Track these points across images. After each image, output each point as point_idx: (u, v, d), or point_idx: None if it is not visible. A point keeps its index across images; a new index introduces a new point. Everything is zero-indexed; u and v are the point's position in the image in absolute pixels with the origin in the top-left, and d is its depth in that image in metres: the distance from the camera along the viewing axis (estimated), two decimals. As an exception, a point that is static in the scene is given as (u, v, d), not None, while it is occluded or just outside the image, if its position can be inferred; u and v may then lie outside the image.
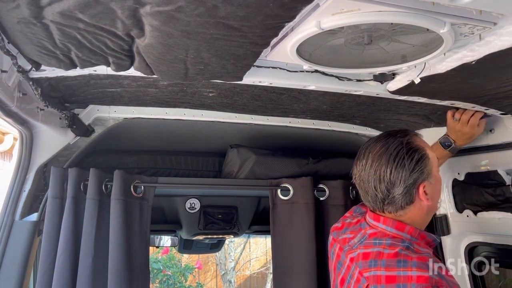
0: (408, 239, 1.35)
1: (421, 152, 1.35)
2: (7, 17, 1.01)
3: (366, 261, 1.33)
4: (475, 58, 1.17)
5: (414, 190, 1.34)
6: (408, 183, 1.33)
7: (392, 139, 1.37)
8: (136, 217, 1.88)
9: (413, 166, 1.32)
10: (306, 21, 1.01)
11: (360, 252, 1.38)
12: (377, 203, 1.40)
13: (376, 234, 1.39)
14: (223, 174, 2.25)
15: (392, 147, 1.35)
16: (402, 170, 1.32)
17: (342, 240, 1.53)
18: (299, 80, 1.48)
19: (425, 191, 1.35)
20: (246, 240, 8.56)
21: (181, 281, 6.97)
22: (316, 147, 2.30)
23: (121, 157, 2.16)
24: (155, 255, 6.96)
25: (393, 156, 1.33)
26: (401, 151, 1.33)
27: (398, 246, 1.31)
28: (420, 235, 1.38)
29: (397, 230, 1.37)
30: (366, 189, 1.41)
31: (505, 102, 1.57)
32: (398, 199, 1.35)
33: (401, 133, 1.39)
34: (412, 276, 1.22)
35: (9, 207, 1.74)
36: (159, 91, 1.63)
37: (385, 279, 1.25)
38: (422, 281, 1.20)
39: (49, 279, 1.71)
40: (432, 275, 1.21)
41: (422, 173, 1.33)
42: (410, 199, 1.35)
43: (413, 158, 1.32)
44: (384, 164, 1.34)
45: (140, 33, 1.05)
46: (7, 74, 1.27)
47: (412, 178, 1.32)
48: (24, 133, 1.69)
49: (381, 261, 1.29)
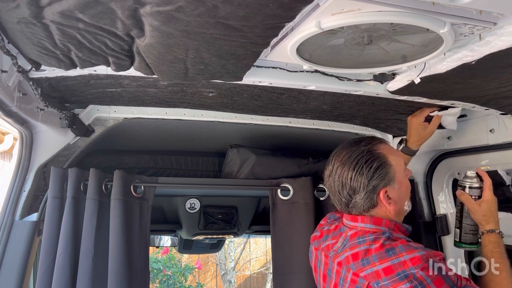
0: (387, 230, 1.45)
1: (381, 160, 1.44)
2: (7, 17, 1.01)
3: (357, 261, 1.39)
4: (475, 58, 1.17)
5: (374, 195, 1.44)
6: (368, 189, 1.43)
7: (356, 148, 1.48)
8: (136, 217, 1.88)
9: (372, 173, 1.42)
10: (306, 21, 1.01)
11: (348, 254, 1.43)
12: (342, 206, 1.52)
13: (357, 233, 1.46)
14: (223, 174, 2.25)
15: (354, 155, 1.46)
16: (361, 177, 1.43)
17: (325, 248, 1.58)
18: (299, 80, 1.48)
19: (388, 196, 1.45)
20: (246, 240, 8.57)
21: (181, 281, 6.97)
22: (316, 147, 2.30)
23: (121, 157, 2.16)
24: (155, 255, 6.97)
25: (353, 164, 1.44)
26: (361, 159, 1.44)
27: (381, 238, 1.39)
28: (395, 226, 1.48)
29: (375, 225, 1.46)
30: (333, 193, 1.53)
31: (505, 102, 1.57)
32: (360, 203, 1.46)
33: (365, 141, 1.49)
34: (405, 260, 1.30)
35: (9, 207, 1.74)
36: (159, 91, 1.63)
37: (383, 272, 1.32)
38: (416, 262, 1.29)
39: (49, 279, 1.71)
40: (421, 253, 1.31)
41: (382, 180, 1.43)
42: (372, 203, 1.46)
43: (371, 166, 1.42)
44: (346, 171, 1.45)
45: (140, 33, 1.05)
46: (7, 74, 1.27)
47: (372, 184, 1.43)
48: (24, 133, 1.69)
49: (372, 257, 1.36)
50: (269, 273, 8.57)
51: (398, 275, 1.29)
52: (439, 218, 2.23)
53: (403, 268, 1.29)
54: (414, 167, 2.27)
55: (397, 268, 1.30)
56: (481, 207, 1.64)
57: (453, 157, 2.14)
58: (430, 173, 2.25)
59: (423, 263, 1.29)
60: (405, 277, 1.28)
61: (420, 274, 1.27)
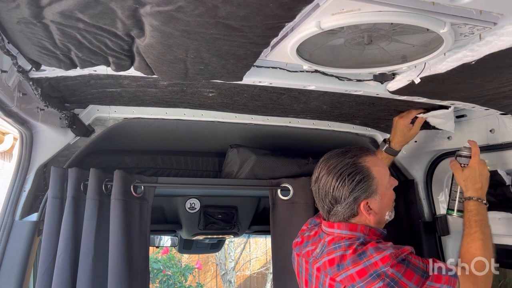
0: (361, 236, 1.48)
1: (364, 174, 1.47)
2: (7, 17, 1.01)
3: (333, 266, 1.43)
4: (475, 58, 1.17)
5: (355, 206, 1.48)
6: (349, 200, 1.47)
7: (342, 158, 1.51)
8: (136, 217, 1.88)
9: (354, 186, 1.46)
10: (306, 21, 1.01)
11: (325, 260, 1.47)
12: (324, 212, 1.56)
13: (334, 239, 1.50)
14: (223, 174, 2.25)
15: (339, 166, 1.49)
16: (343, 189, 1.47)
17: (306, 254, 1.61)
18: (299, 80, 1.48)
19: (369, 206, 1.49)
20: (246, 240, 8.57)
21: (181, 281, 6.97)
22: (316, 147, 2.30)
23: (121, 157, 2.16)
24: (155, 255, 6.96)
25: (337, 175, 1.48)
26: (345, 171, 1.47)
27: (355, 243, 1.44)
28: (370, 231, 1.51)
29: (350, 231, 1.50)
30: (317, 198, 1.57)
31: (505, 102, 1.57)
32: (341, 212, 1.50)
33: (352, 153, 1.52)
34: (376, 261, 1.35)
35: (9, 207, 1.74)
36: (159, 91, 1.63)
37: (357, 274, 1.36)
38: (386, 260, 1.34)
39: (49, 279, 1.71)
40: (389, 251, 1.35)
41: (364, 192, 1.47)
42: (352, 213, 1.50)
43: (354, 179, 1.46)
44: (330, 180, 1.49)
45: (140, 33, 1.05)
46: (7, 74, 1.27)
47: (353, 196, 1.46)
48: (24, 133, 1.69)
49: (347, 262, 1.40)
50: (269, 273, 8.57)
51: (371, 276, 1.34)
52: (439, 218, 2.23)
53: (375, 268, 1.34)
54: (414, 167, 2.27)
55: (369, 270, 1.35)
56: (464, 172, 1.68)
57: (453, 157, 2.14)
58: (430, 173, 2.25)
59: (392, 260, 1.34)
60: (377, 276, 1.33)
61: (391, 271, 1.33)
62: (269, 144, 2.22)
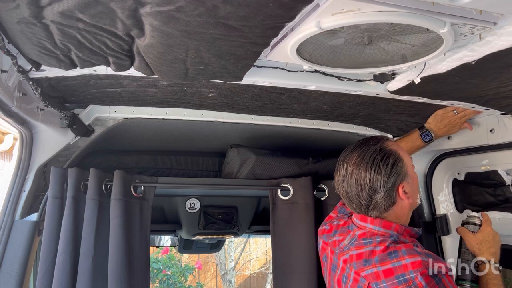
0: (395, 234, 1.43)
1: (395, 156, 1.43)
2: (7, 17, 1.01)
3: (360, 261, 1.39)
4: (475, 58, 1.17)
5: (394, 192, 1.43)
6: (388, 187, 1.41)
7: (366, 148, 1.46)
8: (136, 217, 1.88)
9: (390, 170, 1.41)
10: (306, 21, 1.01)
11: (353, 253, 1.43)
12: (361, 209, 1.48)
13: (365, 234, 1.45)
14: (223, 174, 2.25)
15: (368, 155, 1.43)
16: (380, 176, 1.41)
17: (332, 243, 1.58)
18: (299, 80, 1.48)
19: (404, 191, 1.44)
20: (246, 240, 8.57)
21: (181, 281, 6.97)
22: (316, 147, 2.30)
23: (121, 157, 2.16)
24: (155, 255, 6.97)
25: (369, 164, 1.42)
26: (376, 158, 1.42)
27: (387, 241, 1.39)
28: (405, 231, 1.46)
29: (384, 229, 1.45)
30: (350, 198, 1.49)
31: (505, 102, 1.57)
32: (381, 203, 1.43)
33: (373, 140, 1.48)
34: (406, 264, 1.29)
35: (9, 207, 1.74)
36: (159, 91, 1.63)
37: (383, 274, 1.31)
38: (417, 266, 1.28)
39: (49, 279, 1.71)
40: (423, 258, 1.29)
41: (399, 175, 1.42)
42: (392, 201, 1.44)
43: (388, 163, 1.41)
44: (363, 172, 1.42)
45: (140, 33, 1.05)
46: (7, 74, 1.27)
47: (391, 181, 1.41)
48: (24, 133, 1.69)
49: (375, 258, 1.36)
50: (269, 273, 8.57)
51: (397, 278, 1.29)
52: (439, 218, 2.23)
53: (403, 271, 1.29)
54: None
55: (396, 271, 1.30)
56: (476, 236, 1.64)
57: (453, 157, 2.14)
58: (430, 173, 2.25)
59: (424, 268, 1.27)
60: (404, 281, 1.27)
61: (419, 280, 1.25)
62: (269, 144, 2.22)
